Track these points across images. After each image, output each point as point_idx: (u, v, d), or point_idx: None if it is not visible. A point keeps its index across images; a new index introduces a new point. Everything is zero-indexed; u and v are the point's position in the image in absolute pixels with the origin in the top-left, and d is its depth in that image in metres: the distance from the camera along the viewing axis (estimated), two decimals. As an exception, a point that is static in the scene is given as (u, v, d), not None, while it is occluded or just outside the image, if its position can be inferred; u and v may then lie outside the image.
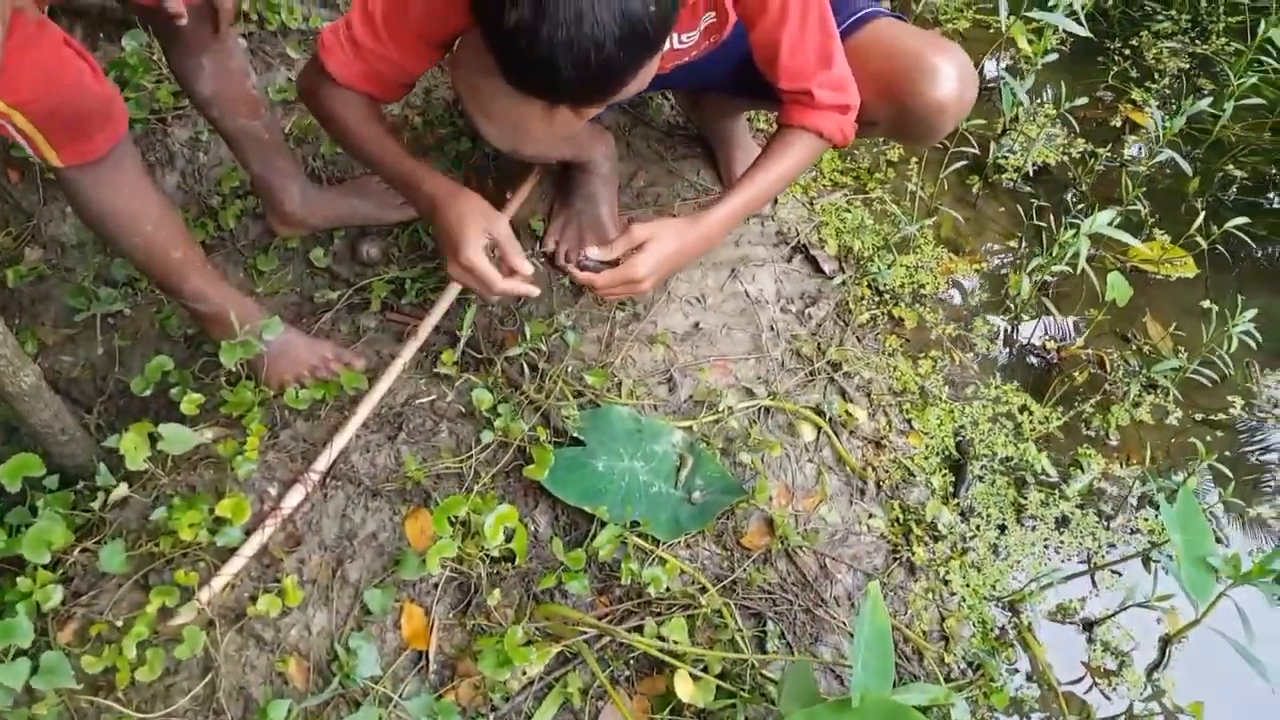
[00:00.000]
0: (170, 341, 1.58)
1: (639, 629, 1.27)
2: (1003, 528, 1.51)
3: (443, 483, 1.36)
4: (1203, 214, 1.86)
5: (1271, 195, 2.03)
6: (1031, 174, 2.02)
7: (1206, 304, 1.82)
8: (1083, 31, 1.84)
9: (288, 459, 1.34)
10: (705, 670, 1.22)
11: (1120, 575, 1.50)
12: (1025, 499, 1.54)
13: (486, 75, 1.19)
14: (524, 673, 1.21)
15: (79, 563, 1.23)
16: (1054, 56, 1.94)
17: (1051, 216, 1.94)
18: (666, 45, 1.30)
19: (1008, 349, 1.75)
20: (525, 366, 1.50)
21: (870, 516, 1.49)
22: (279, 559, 1.25)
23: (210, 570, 1.22)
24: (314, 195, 1.61)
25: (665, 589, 1.29)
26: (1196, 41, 2.35)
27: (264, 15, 1.87)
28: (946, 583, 1.44)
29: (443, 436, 1.41)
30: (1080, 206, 1.94)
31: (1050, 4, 1.87)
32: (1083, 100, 2.12)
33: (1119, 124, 2.14)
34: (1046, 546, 1.51)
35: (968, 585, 1.44)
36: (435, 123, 1.86)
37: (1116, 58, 2.30)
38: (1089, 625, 1.43)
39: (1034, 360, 1.74)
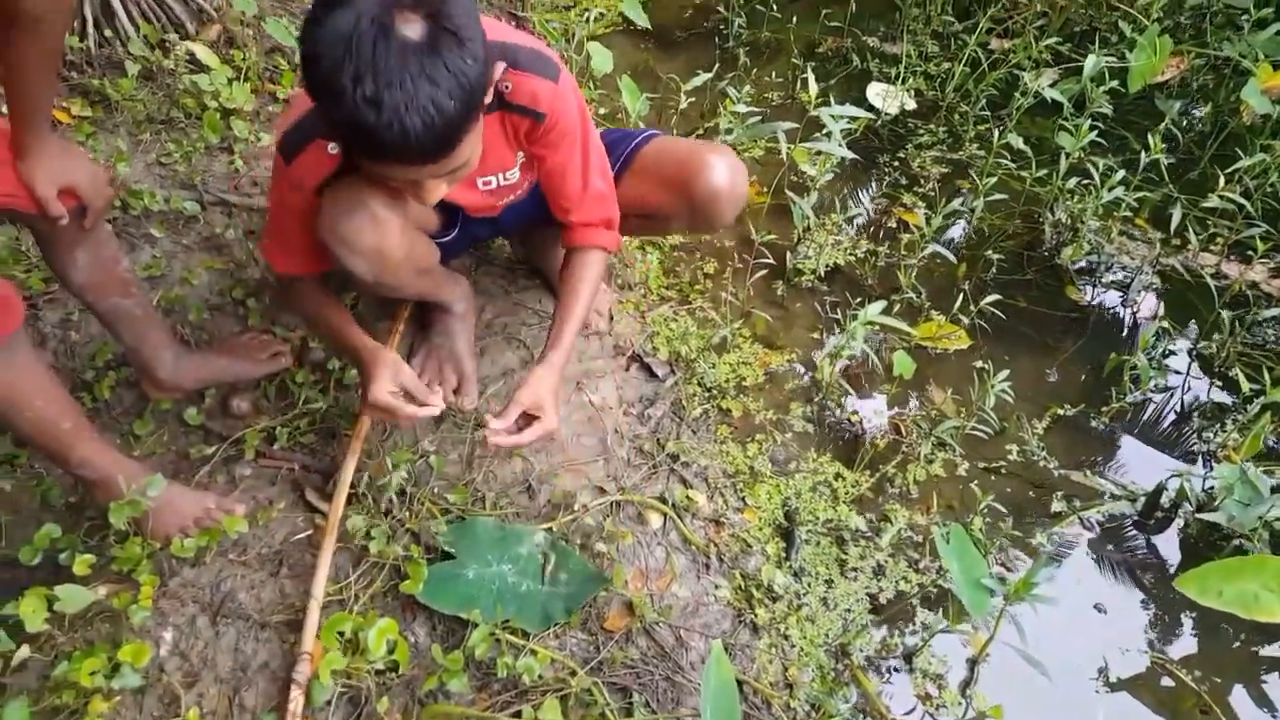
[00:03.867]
0: (52, 512, 1.66)
1: (518, 715, 1.42)
2: (830, 582, 1.75)
3: (327, 609, 1.49)
4: (962, 294, 2.22)
5: (1024, 273, 2.44)
6: (824, 275, 2.37)
7: (980, 365, 2.16)
8: (849, 155, 2.21)
9: (179, 604, 1.45)
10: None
11: (930, 610, 1.75)
12: (846, 554, 1.79)
13: (343, 208, 1.43)
14: (415, 770, 1.35)
15: (-22, 729, 1.30)
16: (830, 176, 2.31)
17: (842, 310, 2.28)
18: (498, 181, 1.56)
19: (820, 425, 2.03)
20: (394, 494, 1.67)
21: (716, 587, 1.70)
22: (178, 695, 1.35)
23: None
24: (186, 360, 1.75)
25: (538, 676, 1.46)
26: (952, 150, 2.80)
27: (127, 201, 2.03)
28: (786, 637, 1.65)
29: (323, 566, 1.55)
30: (858, 300, 2.28)
31: (825, 131, 2.24)
32: (861, 209, 2.50)
33: (894, 225, 2.53)
34: (868, 593, 1.75)
35: (805, 637, 1.66)
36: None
37: (888, 169, 2.72)
38: (909, 656, 1.67)
39: (843, 432, 2.02)
